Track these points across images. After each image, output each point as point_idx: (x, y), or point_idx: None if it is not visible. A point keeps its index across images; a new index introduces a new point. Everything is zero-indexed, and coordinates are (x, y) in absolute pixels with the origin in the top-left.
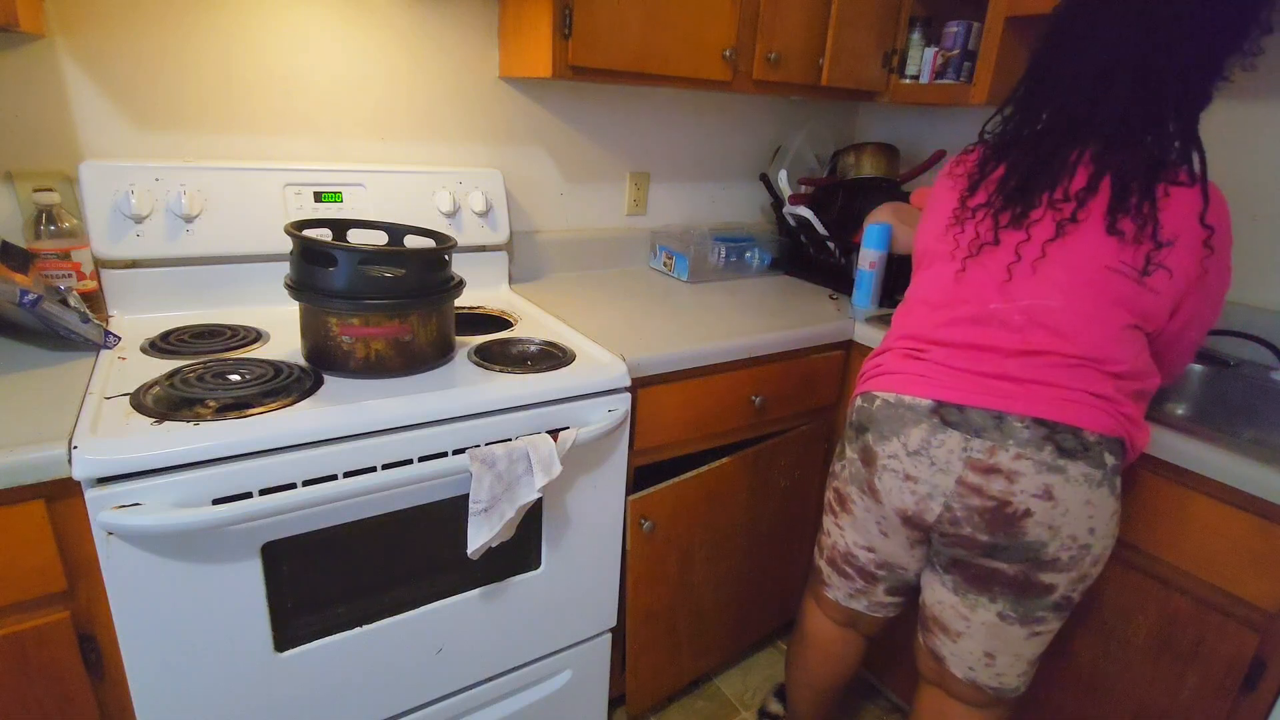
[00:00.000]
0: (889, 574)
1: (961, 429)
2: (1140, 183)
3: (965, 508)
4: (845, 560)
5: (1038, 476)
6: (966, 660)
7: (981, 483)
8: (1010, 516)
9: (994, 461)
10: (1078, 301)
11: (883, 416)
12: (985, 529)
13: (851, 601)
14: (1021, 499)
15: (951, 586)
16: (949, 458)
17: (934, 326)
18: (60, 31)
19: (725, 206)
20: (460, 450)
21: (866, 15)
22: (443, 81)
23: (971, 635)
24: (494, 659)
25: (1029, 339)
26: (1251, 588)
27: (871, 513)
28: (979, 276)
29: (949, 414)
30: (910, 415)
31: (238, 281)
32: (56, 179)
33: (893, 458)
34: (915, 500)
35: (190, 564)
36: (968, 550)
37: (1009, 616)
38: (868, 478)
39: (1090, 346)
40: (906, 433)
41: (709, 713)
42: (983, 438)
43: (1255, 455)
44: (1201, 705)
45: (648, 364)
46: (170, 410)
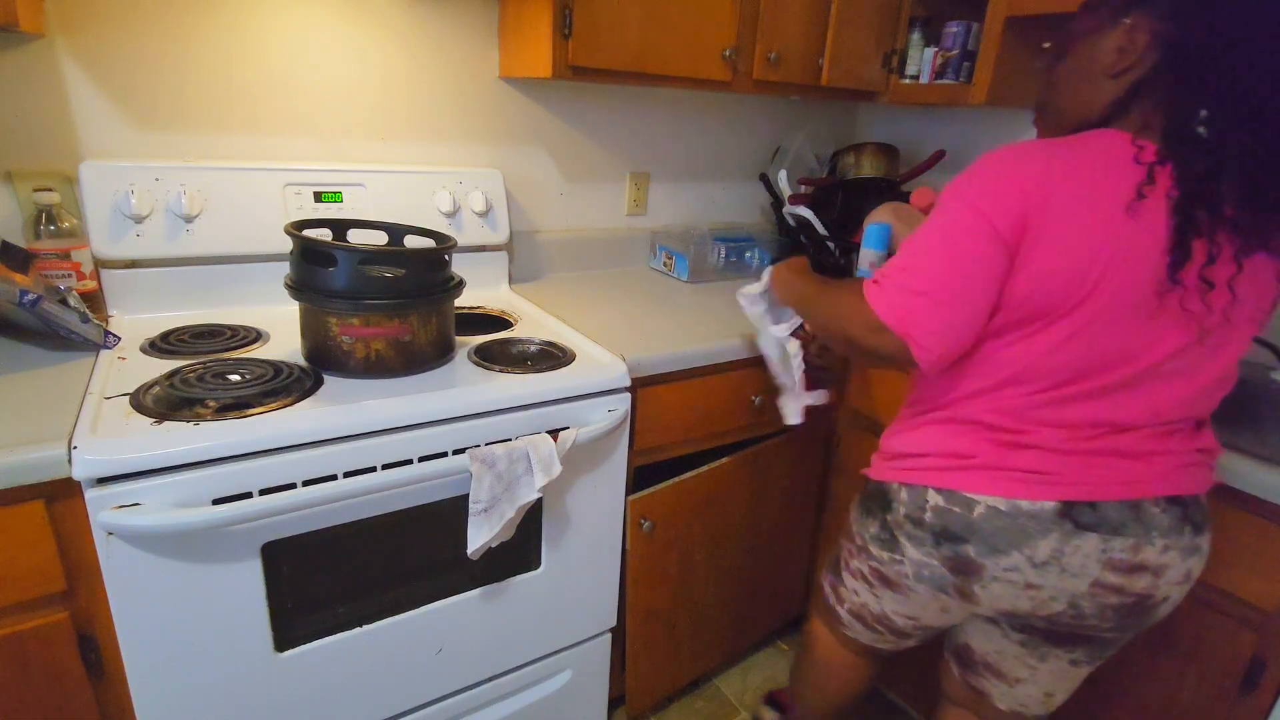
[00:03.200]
0: (926, 633)
1: (1099, 530)
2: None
3: (1097, 605)
4: (877, 621)
5: (1183, 564)
6: (1020, 699)
7: (1123, 582)
8: (1149, 608)
9: (1140, 559)
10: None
11: (991, 528)
12: (1115, 621)
13: (875, 644)
14: (1164, 589)
15: (1019, 641)
16: (1085, 563)
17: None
18: (60, 31)
19: (725, 206)
20: (460, 450)
21: (866, 15)
22: (443, 81)
23: (1035, 681)
24: (494, 659)
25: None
26: (1251, 588)
27: (941, 604)
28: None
29: (1081, 515)
30: (1034, 525)
31: (238, 281)
32: (56, 179)
33: (1011, 570)
34: (1032, 604)
35: (190, 564)
36: (1073, 629)
37: (1082, 662)
38: (959, 584)
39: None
40: (1032, 545)
41: (709, 713)
42: (1124, 535)
43: (1256, 455)
44: (1201, 705)
45: (648, 364)
46: (170, 410)
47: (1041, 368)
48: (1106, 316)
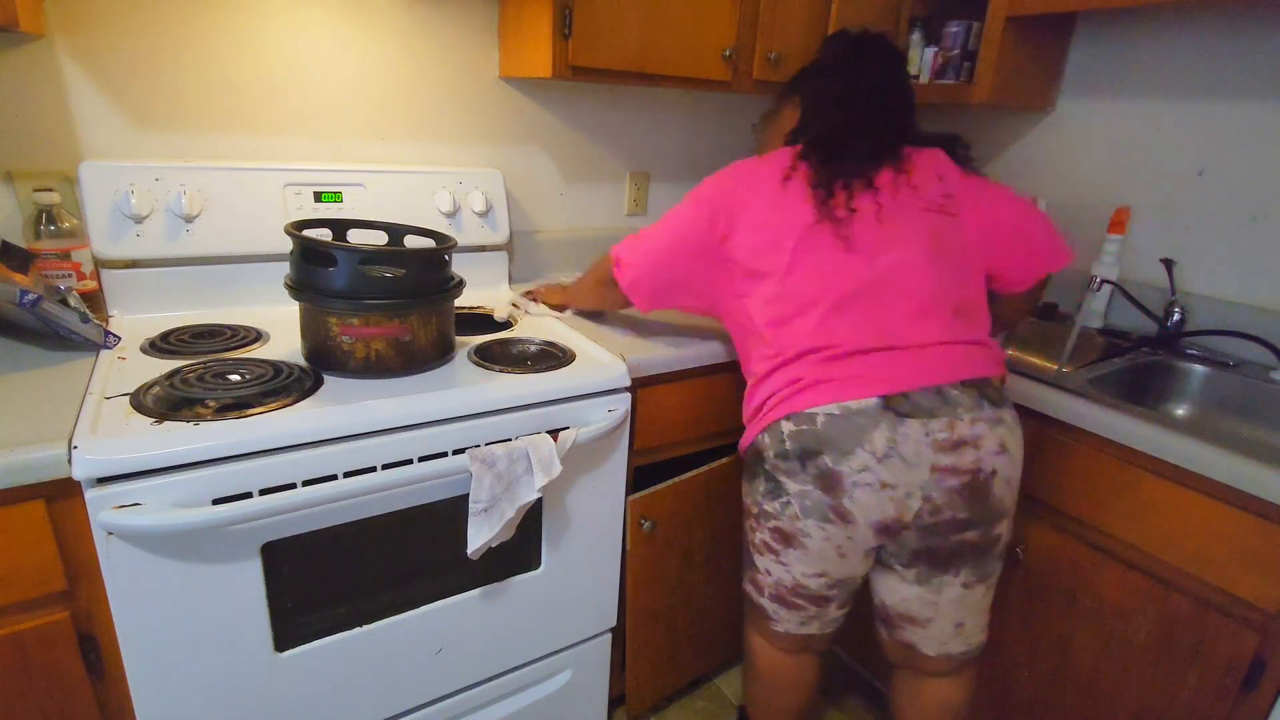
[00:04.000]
0: (840, 590)
1: (917, 415)
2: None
3: (944, 491)
4: (794, 593)
5: (993, 434)
6: (938, 638)
7: (954, 461)
8: (984, 484)
9: (957, 435)
10: (921, 245)
11: (834, 432)
12: (965, 505)
13: (803, 628)
14: (989, 461)
15: (915, 579)
16: (918, 448)
17: (828, 317)
18: (60, 31)
19: None
20: (460, 450)
21: (866, 15)
22: (443, 81)
23: (941, 615)
24: (494, 659)
25: (911, 299)
26: (1251, 588)
27: (833, 539)
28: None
29: (900, 405)
30: (865, 420)
31: (238, 281)
32: (56, 179)
33: (864, 470)
34: (895, 506)
35: (190, 564)
36: (941, 535)
37: (971, 582)
38: (833, 503)
39: (945, 292)
40: (870, 439)
41: (709, 713)
42: (938, 417)
43: (1255, 455)
44: (1201, 705)
45: (648, 364)
46: (170, 410)
47: (799, 296)
48: (813, 248)
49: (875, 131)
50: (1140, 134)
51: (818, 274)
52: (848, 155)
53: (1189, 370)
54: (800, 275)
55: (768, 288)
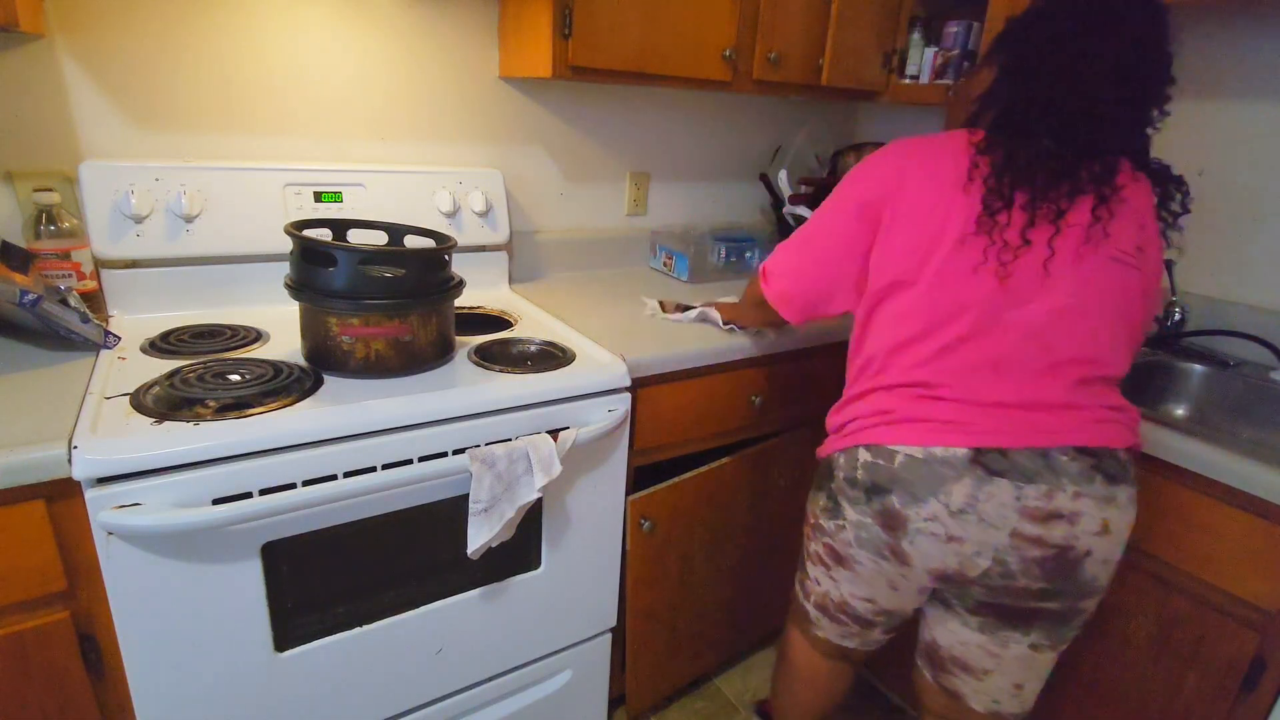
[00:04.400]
0: (887, 619)
1: (1010, 476)
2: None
3: (1022, 560)
4: (839, 609)
5: (1096, 513)
6: (992, 695)
7: (1041, 532)
8: (1072, 562)
9: (1053, 506)
10: (1089, 298)
11: (910, 475)
12: (1044, 578)
13: (844, 641)
14: (1084, 540)
15: (978, 626)
16: (1001, 511)
17: (947, 354)
18: (60, 31)
19: (725, 206)
20: (460, 450)
21: (866, 15)
22: (443, 81)
23: (1001, 671)
24: (494, 659)
25: (1051, 355)
26: (1251, 588)
27: (885, 574)
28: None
29: (992, 462)
30: (948, 471)
31: (238, 281)
32: (56, 179)
33: (931, 520)
34: (959, 560)
35: (190, 564)
36: (1014, 597)
37: (1042, 645)
38: (891, 542)
39: (1096, 354)
40: (947, 490)
41: (709, 713)
42: (1036, 482)
43: (1255, 455)
44: (1201, 705)
45: (647, 364)
46: (170, 410)
47: (922, 320)
48: (959, 270)
49: (1089, 133)
50: None
51: (952, 300)
52: (1039, 162)
53: (1189, 370)
54: (932, 297)
55: (898, 303)
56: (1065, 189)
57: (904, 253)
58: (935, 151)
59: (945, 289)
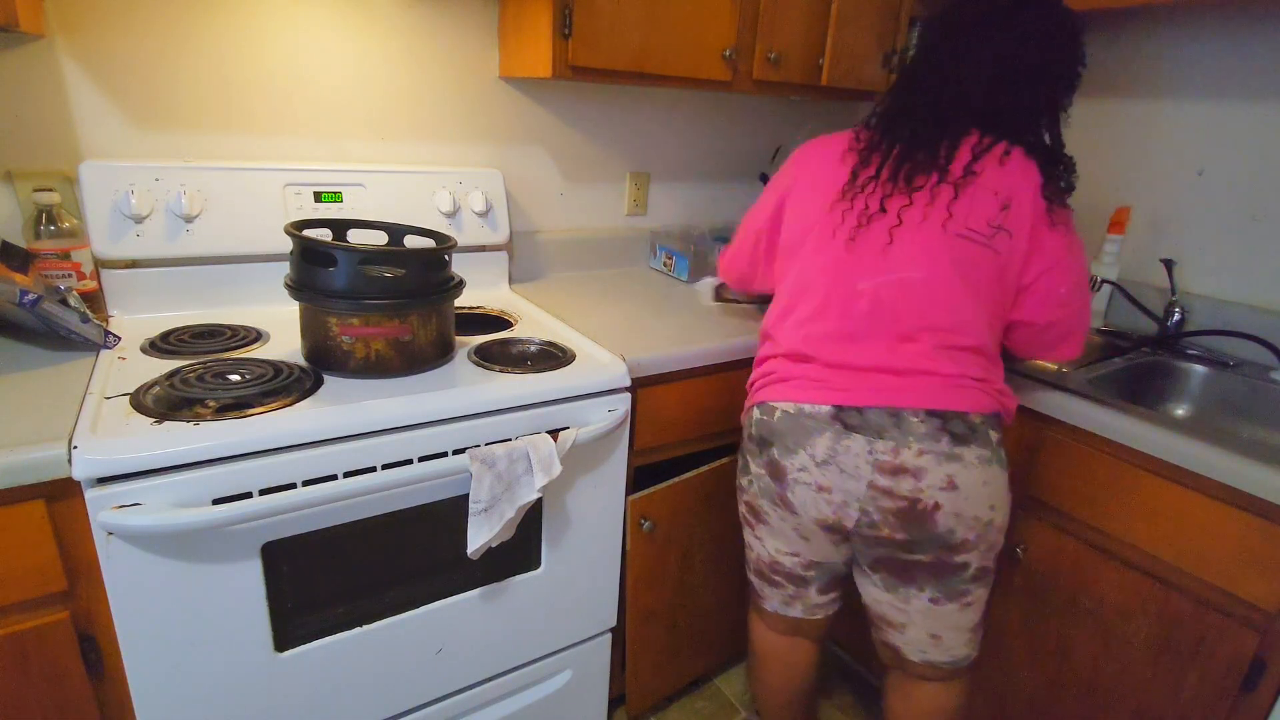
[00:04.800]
0: (818, 572)
1: (864, 432)
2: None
3: (880, 510)
4: (772, 569)
5: (939, 469)
6: (916, 645)
7: (891, 484)
8: (922, 513)
9: (899, 461)
10: (934, 271)
11: (785, 428)
12: (901, 527)
13: (788, 609)
14: (930, 494)
15: (882, 584)
16: (857, 463)
17: (811, 321)
18: (60, 31)
19: (725, 206)
20: (460, 450)
21: (866, 15)
22: (443, 81)
23: (913, 624)
24: (494, 659)
25: (902, 323)
26: (1251, 588)
27: (787, 521)
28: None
29: (850, 418)
30: (813, 424)
31: (238, 281)
32: (56, 179)
33: (802, 470)
34: (832, 509)
35: (190, 564)
36: (888, 548)
37: (939, 599)
38: (779, 491)
39: (948, 322)
40: (812, 443)
41: (709, 713)
42: (885, 438)
43: (1255, 455)
44: (1201, 705)
45: (648, 364)
46: (170, 410)
47: (798, 288)
48: (827, 238)
49: (943, 114)
50: (1140, 134)
51: (818, 268)
52: (901, 138)
53: (1189, 370)
54: (799, 269)
55: (785, 276)
56: (920, 163)
57: (792, 229)
58: (828, 140)
59: (809, 260)
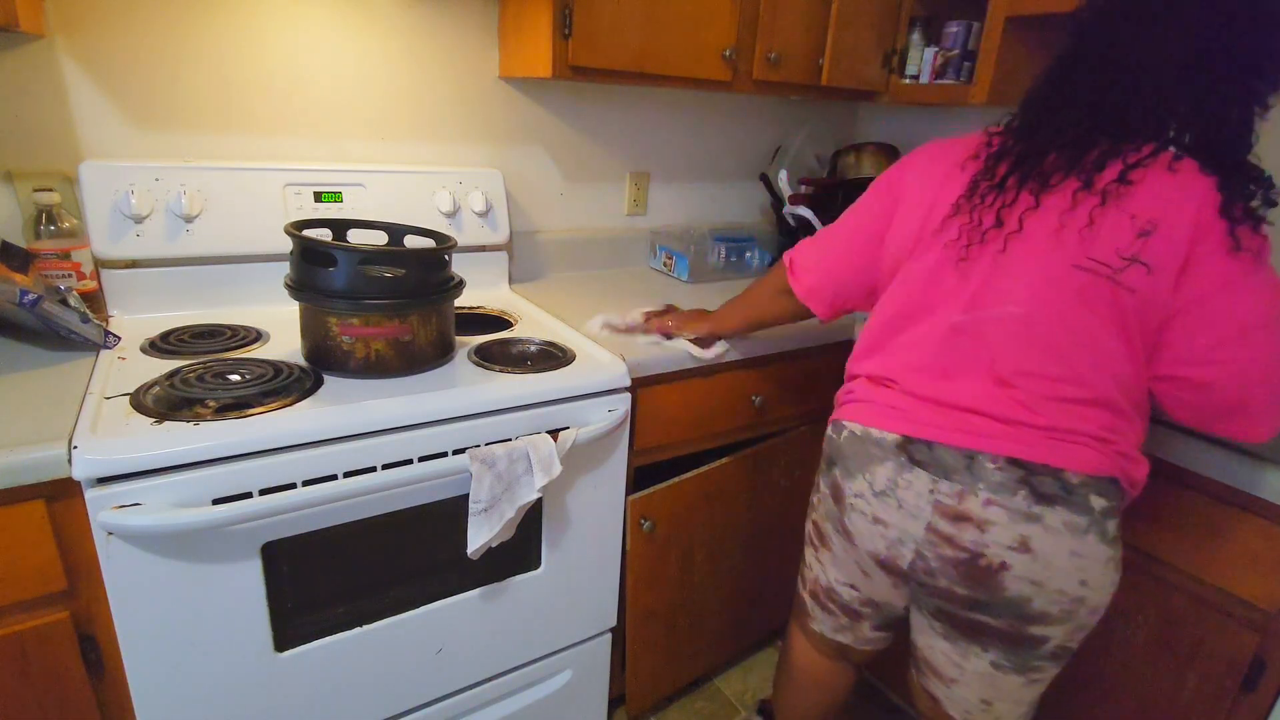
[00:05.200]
0: (874, 611)
1: (929, 468)
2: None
3: (938, 558)
4: (828, 596)
5: (1012, 526)
6: (962, 705)
7: (953, 532)
8: (985, 570)
9: (963, 508)
10: (1042, 308)
11: (849, 451)
12: (962, 582)
13: (838, 635)
14: (994, 551)
15: (942, 633)
16: (917, 500)
17: (905, 350)
18: (60, 31)
19: (725, 206)
20: (460, 450)
21: (866, 15)
22: (443, 81)
23: (966, 683)
24: (494, 659)
25: (1000, 365)
26: (1251, 588)
27: (849, 553)
28: (957, 280)
29: (917, 451)
30: (876, 451)
31: (238, 281)
32: (56, 179)
33: (859, 497)
34: (886, 545)
35: (190, 564)
36: (948, 602)
37: (1004, 666)
38: (839, 516)
39: (1062, 371)
40: (873, 470)
41: (709, 713)
42: (951, 480)
43: (1255, 455)
44: (1201, 705)
45: (648, 364)
46: (170, 410)
47: (892, 308)
48: (921, 259)
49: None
50: None
51: (921, 290)
52: (1041, 140)
53: None
54: (906, 284)
55: (889, 291)
56: (1058, 164)
57: (900, 240)
58: (949, 143)
59: (911, 280)
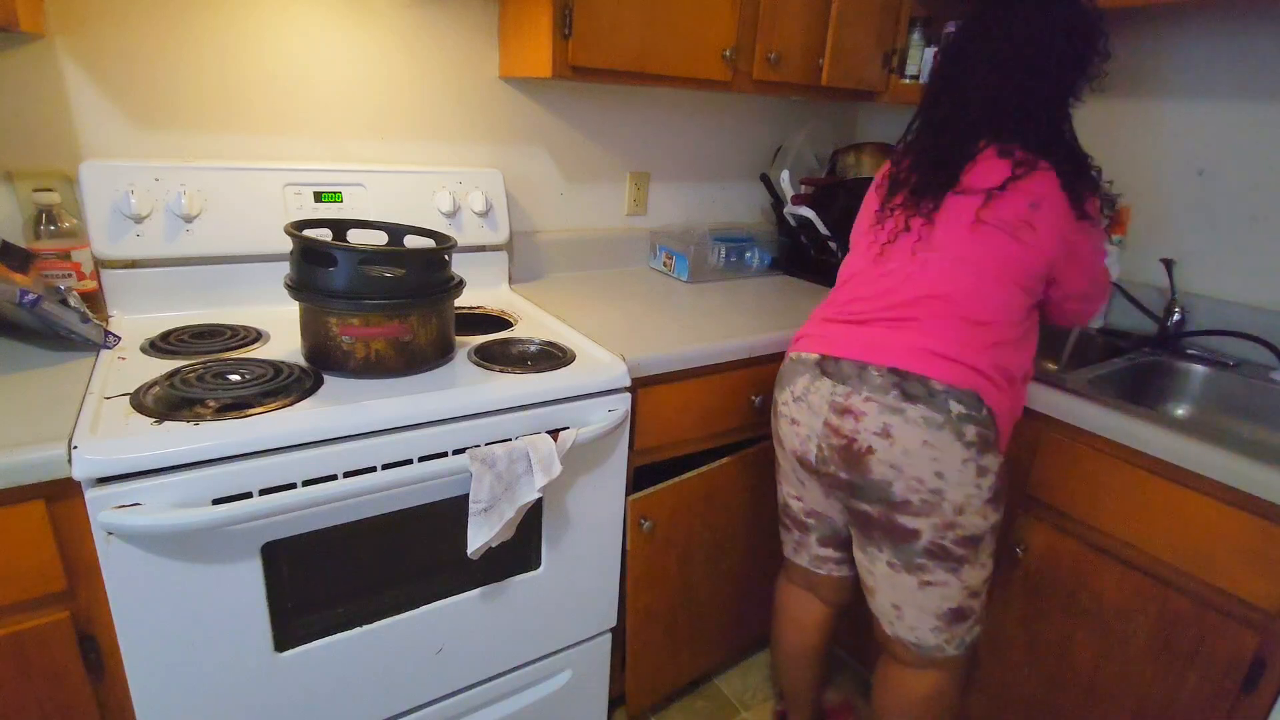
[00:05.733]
0: (817, 522)
1: (833, 377)
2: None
3: (830, 447)
4: (784, 511)
5: (880, 416)
6: (886, 615)
7: (838, 423)
8: (857, 454)
9: (848, 403)
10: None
11: (785, 370)
12: (843, 467)
13: (797, 555)
14: (864, 436)
15: (858, 543)
16: (819, 402)
17: (831, 305)
18: (60, 31)
19: (725, 206)
20: (460, 450)
21: (866, 15)
22: (443, 81)
23: (879, 589)
24: (494, 659)
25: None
26: (1251, 588)
27: (785, 460)
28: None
29: (827, 365)
30: (801, 368)
31: (238, 281)
32: (56, 179)
33: (785, 405)
34: (800, 442)
35: (190, 564)
36: (841, 491)
37: (895, 564)
38: (773, 424)
39: (952, 290)
40: (795, 382)
41: (709, 713)
42: (847, 384)
43: (1255, 455)
44: (1201, 705)
45: (648, 364)
46: (170, 410)
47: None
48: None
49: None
50: (1140, 134)
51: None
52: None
53: (1189, 370)
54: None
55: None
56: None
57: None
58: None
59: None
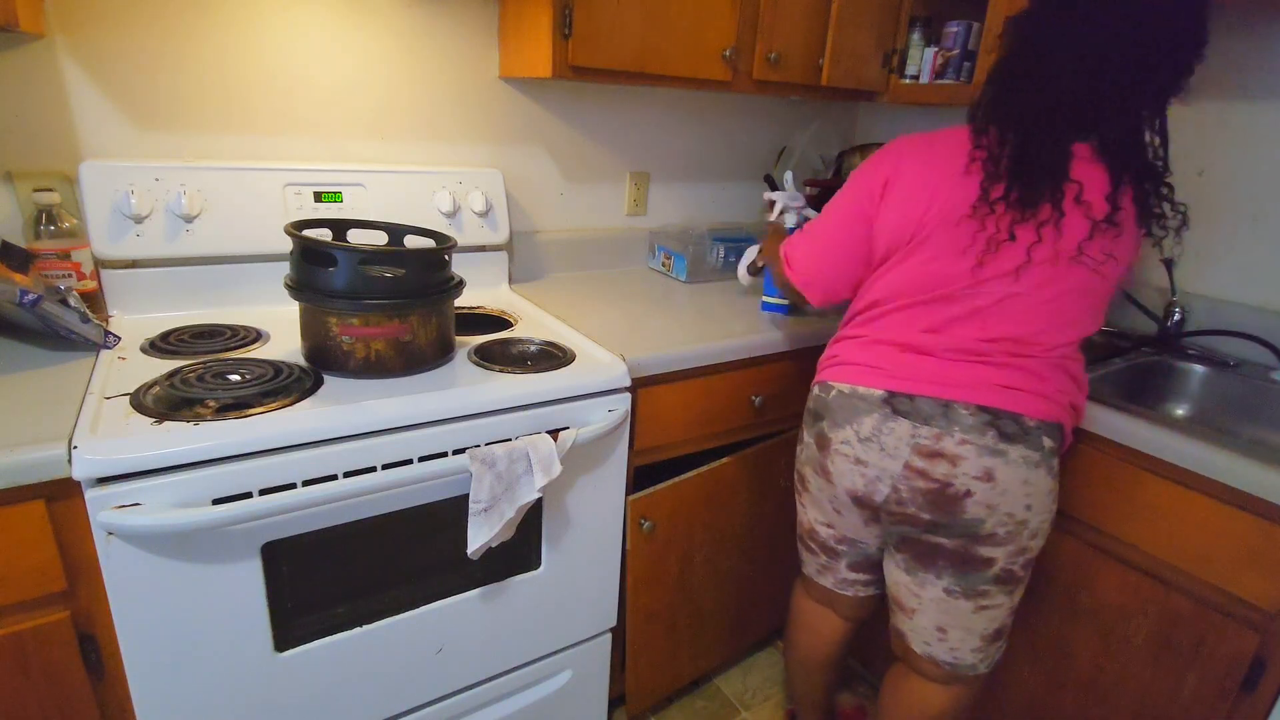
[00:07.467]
0: (849, 549)
1: (911, 417)
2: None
3: (910, 489)
4: (810, 537)
5: (979, 460)
6: (922, 635)
7: (926, 466)
8: (952, 497)
9: (939, 447)
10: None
11: (838, 406)
12: (927, 508)
13: (821, 577)
14: (962, 480)
15: (903, 566)
16: (897, 444)
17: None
18: (60, 31)
19: (725, 206)
20: (460, 450)
21: (866, 15)
22: (443, 81)
23: (924, 611)
24: (494, 659)
25: (995, 334)
26: (1251, 588)
27: (824, 492)
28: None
29: (899, 403)
30: (864, 405)
31: (238, 281)
32: (56, 179)
33: (845, 444)
34: (865, 483)
35: (190, 564)
36: (912, 526)
37: (954, 591)
38: (821, 460)
39: (1027, 332)
40: (859, 421)
41: (709, 713)
42: (930, 425)
43: (1255, 455)
44: (1201, 705)
45: (648, 364)
46: (170, 410)
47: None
48: (934, 250)
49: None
50: None
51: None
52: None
53: (1189, 370)
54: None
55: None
56: (1048, 186)
57: (897, 229)
58: (933, 139)
59: (930, 268)
